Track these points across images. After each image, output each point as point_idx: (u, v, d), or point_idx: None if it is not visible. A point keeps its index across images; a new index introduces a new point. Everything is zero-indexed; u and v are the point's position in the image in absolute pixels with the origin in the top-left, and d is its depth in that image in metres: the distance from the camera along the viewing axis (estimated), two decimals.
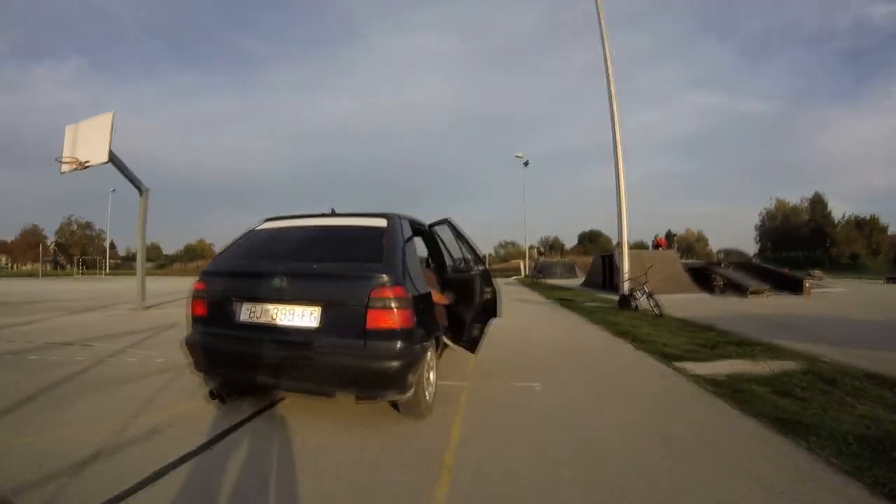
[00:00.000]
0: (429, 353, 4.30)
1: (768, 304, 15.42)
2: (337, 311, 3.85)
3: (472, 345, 5.56)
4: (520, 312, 13.41)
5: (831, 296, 18.71)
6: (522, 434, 3.96)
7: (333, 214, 5.01)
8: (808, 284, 19.10)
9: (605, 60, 15.44)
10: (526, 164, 43.14)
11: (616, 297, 15.18)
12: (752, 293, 18.20)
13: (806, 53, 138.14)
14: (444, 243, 6.26)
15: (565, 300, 16.76)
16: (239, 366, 4.08)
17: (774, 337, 8.43)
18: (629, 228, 15.15)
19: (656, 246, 26.53)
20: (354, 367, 3.69)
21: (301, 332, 3.88)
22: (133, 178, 12.90)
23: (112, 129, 11.75)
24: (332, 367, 3.75)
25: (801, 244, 57.28)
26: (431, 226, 6.01)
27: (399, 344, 3.77)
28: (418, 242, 5.98)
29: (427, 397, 4.31)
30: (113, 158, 11.99)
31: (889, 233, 61.47)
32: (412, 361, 3.83)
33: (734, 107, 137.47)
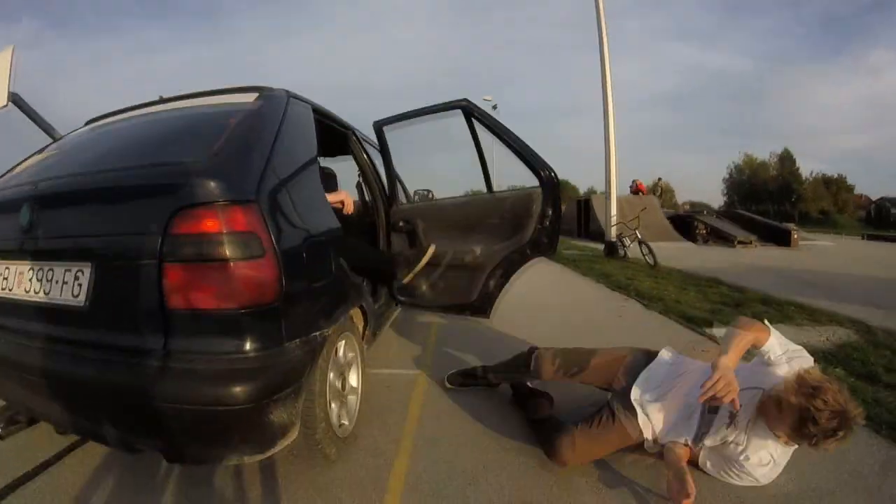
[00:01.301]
0: (339, 348, 2.54)
1: (761, 255, 14.50)
2: (118, 272, 1.93)
3: (483, 305, 3.58)
4: None
5: (820, 249, 17.91)
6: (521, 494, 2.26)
7: (190, 96, 2.98)
8: (795, 236, 18.26)
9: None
10: (494, 107, 41.35)
11: (595, 245, 14.14)
12: (739, 243, 17.37)
13: (786, 14, 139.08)
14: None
15: None
16: None
17: (794, 294, 7.35)
18: (601, 175, 14.00)
19: (636, 192, 25.27)
20: (145, 398, 1.77)
21: (57, 316, 2.03)
22: (46, 125, 10.83)
23: (12, 66, 9.59)
24: (105, 394, 1.87)
25: (767, 198, 57.95)
26: (383, 123, 3.85)
27: (246, 343, 1.86)
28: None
29: (343, 424, 2.57)
30: (16, 101, 9.89)
31: (856, 193, 62.86)
32: (280, 382, 1.92)
33: (711, 63, 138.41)
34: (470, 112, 3.53)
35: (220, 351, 1.83)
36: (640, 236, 11.56)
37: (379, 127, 3.83)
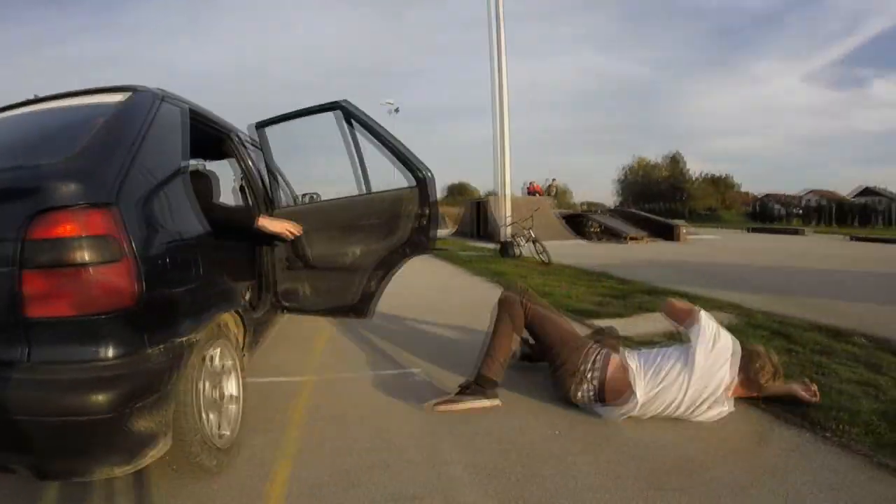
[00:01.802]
0: (212, 355, 2.44)
1: (650, 250, 15.20)
2: None
3: (365, 307, 3.55)
4: None
5: (705, 242, 19.04)
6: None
7: (64, 95, 2.83)
8: (683, 231, 19.31)
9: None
10: (396, 110, 41.34)
11: (491, 246, 14.27)
12: (630, 239, 18.06)
13: (679, 25, 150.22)
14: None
15: (438, 249, 15.28)
16: None
17: (680, 284, 7.67)
18: (498, 176, 14.13)
19: (531, 193, 25.93)
20: (5, 412, 1.70)
21: None
22: None
23: None
24: None
25: (659, 197, 61.02)
26: (264, 125, 3.81)
27: (105, 350, 1.81)
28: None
29: (223, 434, 2.44)
30: None
31: (741, 191, 67.73)
32: (142, 390, 1.87)
33: (608, 69, 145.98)
34: (347, 112, 3.55)
35: (80, 359, 1.79)
36: (533, 235, 11.71)
37: (260, 128, 3.80)
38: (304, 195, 4.82)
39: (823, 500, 2.11)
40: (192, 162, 4.12)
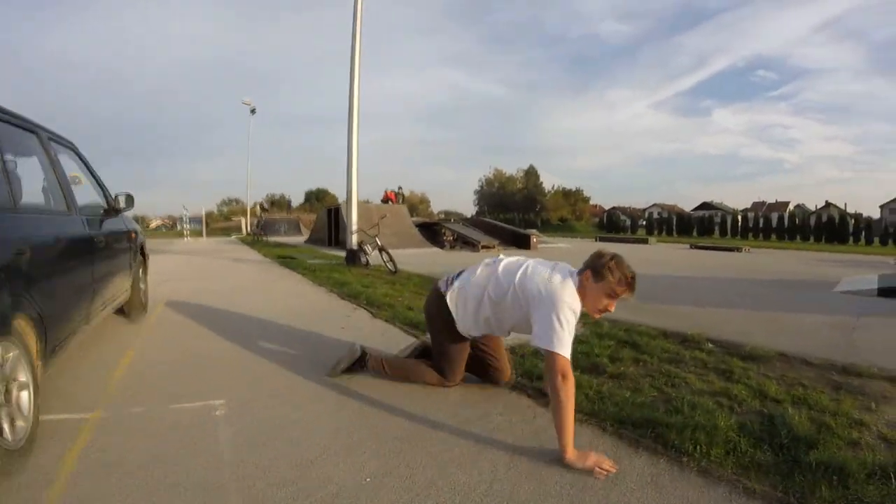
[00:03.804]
0: None
1: None
2: None
3: None
4: (229, 273, 11.04)
5: (557, 250, 19.47)
6: None
7: None
8: (534, 239, 19.84)
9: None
10: (253, 111, 40.35)
11: (342, 254, 13.60)
12: (483, 247, 18.14)
13: (542, 51, 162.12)
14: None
15: (286, 258, 14.62)
16: None
17: None
18: (361, 184, 13.60)
19: (385, 200, 25.66)
20: None
21: None
22: None
23: None
24: None
25: (515, 208, 63.51)
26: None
27: None
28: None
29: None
30: None
31: (592, 203, 73.65)
32: None
33: (476, 87, 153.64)
34: None
35: None
36: (380, 243, 11.18)
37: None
38: (116, 196, 4.55)
39: None
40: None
